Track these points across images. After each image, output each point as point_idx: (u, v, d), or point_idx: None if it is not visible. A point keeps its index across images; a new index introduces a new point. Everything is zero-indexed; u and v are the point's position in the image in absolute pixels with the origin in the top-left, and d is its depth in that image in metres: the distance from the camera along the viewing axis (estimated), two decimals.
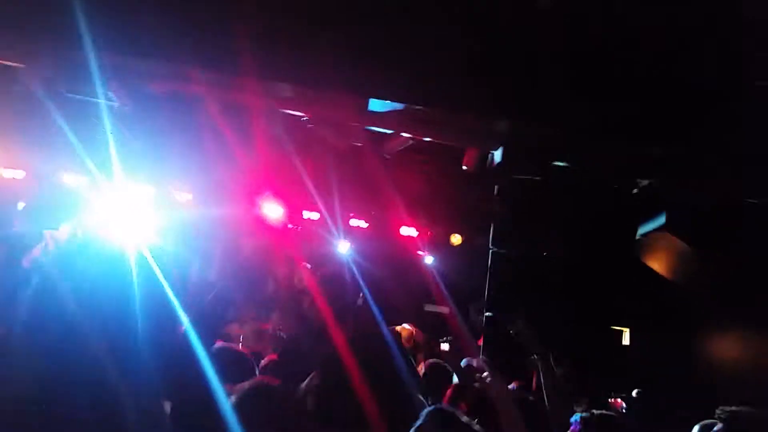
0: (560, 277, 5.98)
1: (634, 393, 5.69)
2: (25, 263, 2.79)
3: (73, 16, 4.08)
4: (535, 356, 3.52)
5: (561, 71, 4.70)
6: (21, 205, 5.58)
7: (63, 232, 5.38)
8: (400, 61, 4.41)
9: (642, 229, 6.15)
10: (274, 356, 4.32)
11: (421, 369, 4.64)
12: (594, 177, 5.48)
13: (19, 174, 6.55)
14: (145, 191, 6.41)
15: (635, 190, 5.56)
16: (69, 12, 4.10)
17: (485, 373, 2.94)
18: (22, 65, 4.74)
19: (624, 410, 4.93)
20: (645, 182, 5.46)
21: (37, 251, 4.76)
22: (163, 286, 2.59)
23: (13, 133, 5.66)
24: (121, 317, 1.70)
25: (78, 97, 4.69)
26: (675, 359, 6.32)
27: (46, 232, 5.17)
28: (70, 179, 6.13)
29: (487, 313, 5.73)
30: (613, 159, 5.20)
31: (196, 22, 4.19)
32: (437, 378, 4.28)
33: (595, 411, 4.53)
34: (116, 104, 4.78)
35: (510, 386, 4.25)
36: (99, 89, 4.43)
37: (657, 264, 6.45)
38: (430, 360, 4.67)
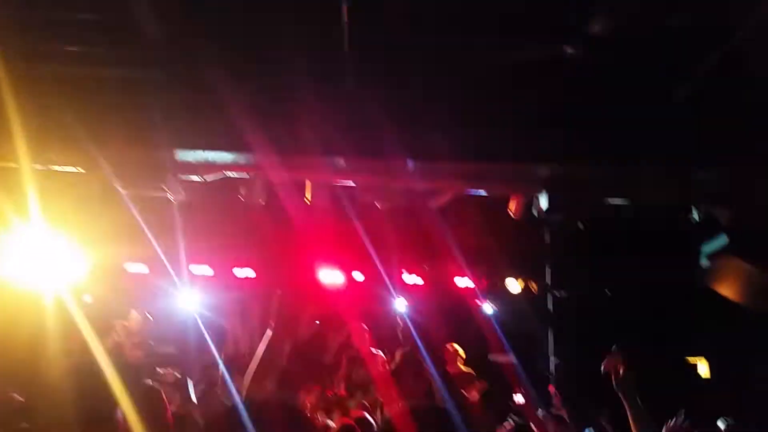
0: (627, 315, 5.83)
1: (720, 424, 5.41)
2: None
3: (130, 116, 4.36)
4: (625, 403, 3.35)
5: (600, 108, 4.73)
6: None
7: (134, 320, 5.61)
8: (437, 118, 4.52)
9: (705, 256, 5.97)
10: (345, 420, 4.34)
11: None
12: (648, 209, 5.39)
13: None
14: (205, 272, 6.62)
15: (693, 217, 5.43)
16: (123, 115, 4.40)
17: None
18: (83, 170, 5.02)
19: None
20: (701, 208, 5.34)
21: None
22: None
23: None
24: None
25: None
26: (754, 386, 6.02)
27: (117, 322, 5.40)
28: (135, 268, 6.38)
29: (552, 359, 5.62)
30: (663, 189, 5.11)
31: (248, 106, 4.40)
32: None
33: None
34: (170, 196, 5.00)
35: None
36: (154, 184, 4.66)
37: (726, 290, 6.21)
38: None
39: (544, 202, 5.12)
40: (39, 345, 4.49)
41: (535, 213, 5.20)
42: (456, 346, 6.86)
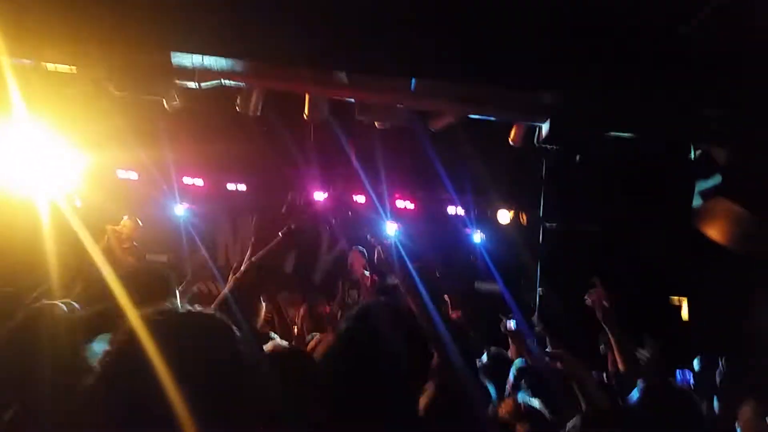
0: (616, 250, 5.90)
1: (695, 363, 5.59)
2: None
3: (123, 18, 4.18)
4: (610, 336, 3.41)
5: (607, 40, 4.61)
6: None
7: (125, 225, 5.58)
8: (443, 38, 4.38)
9: (697, 196, 5.99)
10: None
11: None
12: (648, 145, 5.35)
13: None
14: (197, 183, 6.55)
15: (691, 157, 5.40)
16: (118, 14, 4.21)
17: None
18: (74, 68, 4.86)
19: (693, 384, 4.85)
20: (700, 149, 5.31)
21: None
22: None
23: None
24: None
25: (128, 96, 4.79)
26: (735, 327, 6.18)
27: (108, 227, 5.38)
28: (124, 175, 6.29)
29: (539, 290, 5.71)
30: (668, 125, 5.05)
31: (244, 14, 4.23)
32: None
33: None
34: (165, 101, 4.87)
35: None
36: (149, 88, 4.53)
37: (714, 231, 6.28)
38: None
39: (545, 131, 5.06)
40: (34, 246, 4.49)
41: (535, 142, 5.14)
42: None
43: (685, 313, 7.21)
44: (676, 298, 6.92)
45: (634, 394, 2.54)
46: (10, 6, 4.20)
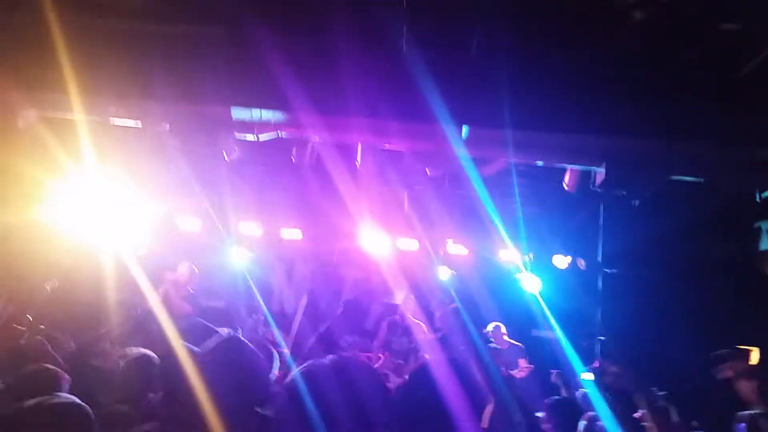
0: (679, 298, 5.67)
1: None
2: None
3: (187, 72, 4.37)
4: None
5: (665, 81, 4.54)
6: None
7: (182, 272, 5.72)
8: (497, 87, 4.40)
9: (765, 242, 5.74)
10: None
11: None
12: (712, 189, 5.18)
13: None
14: (254, 231, 6.68)
15: (756, 200, 5.20)
16: (182, 68, 4.42)
17: None
18: (140, 122, 5.09)
19: None
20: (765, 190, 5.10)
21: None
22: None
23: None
24: None
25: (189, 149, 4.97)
26: None
27: (169, 274, 5.53)
28: (187, 223, 6.47)
29: (600, 338, 5.51)
30: (731, 169, 4.89)
31: (300, 66, 4.36)
32: None
33: None
34: (225, 154, 5.03)
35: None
36: (210, 140, 4.70)
37: None
38: None
39: (601, 175, 4.97)
40: (98, 293, 4.66)
41: (590, 187, 5.06)
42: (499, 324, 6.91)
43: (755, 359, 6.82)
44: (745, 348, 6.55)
45: None
46: (81, 64, 4.45)
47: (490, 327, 7.07)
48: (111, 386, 3.03)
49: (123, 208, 5.61)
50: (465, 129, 4.89)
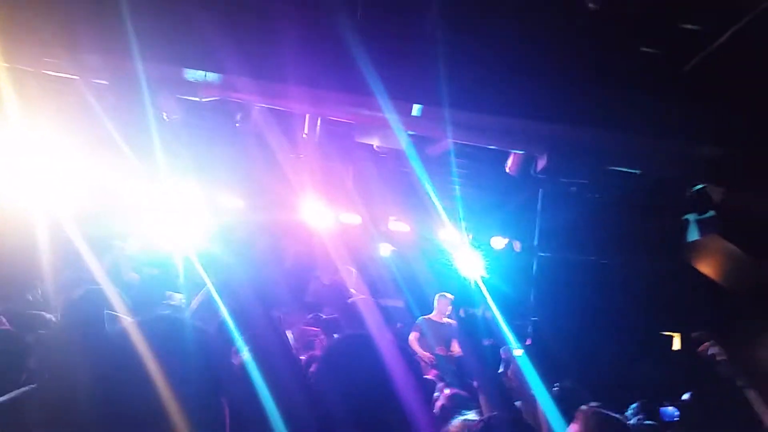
0: (609, 282, 5.88)
1: (685, 397, 5.55)
2: None
3: (124, 28, 4.17)
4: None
5: (609, 73, 4.64)
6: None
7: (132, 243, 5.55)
8: (448, 67, 4.39)
9: (692, 233, 6.01)
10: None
11: None
12: (647, 180, 5.36)
13: None
14: (195, 198, 6.50)
15: (688, 194, 5.42)
16: (120, 24, 4.20)
17: None
18: (76, 77, 4.86)
19: (677, 418, 4.81)
20: (698, 186, 5.32)
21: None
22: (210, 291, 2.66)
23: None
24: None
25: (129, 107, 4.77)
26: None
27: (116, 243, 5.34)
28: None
29: (533, 318, 5.67)
30: (668, 161, 5.07)
31: (243, 31, 4.24)
32: None
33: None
34: (165, 115, 4.86)
35: None
36: (149, 100, 4.52)
37: (708, 268, 6.28)
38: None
39: (542, 162, 5.07)
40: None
41: (533, 172, 5.15)
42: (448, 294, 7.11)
43: (676, 346, 7.18)
44: (668, 333, 6.89)
45: None
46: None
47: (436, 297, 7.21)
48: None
49: (53, 165, 5.35)
50: (418, 107, 4.87)
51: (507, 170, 5.84)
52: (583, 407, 2.87)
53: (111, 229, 5.79)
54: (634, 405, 4.87)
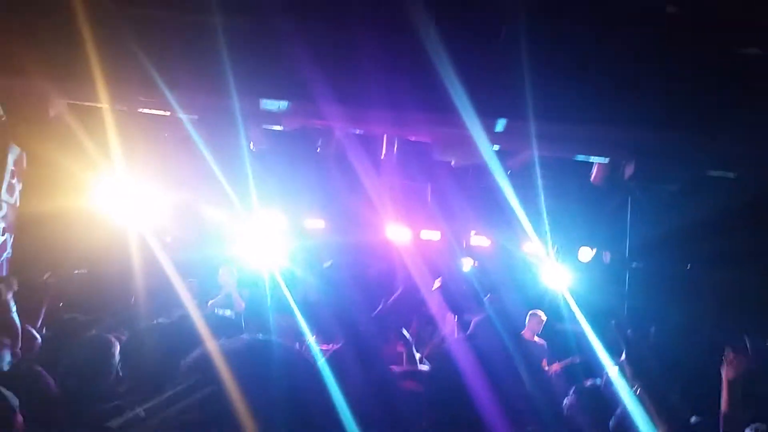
0: (706, 291, 5.60)
1: None
2: None
3: (222, 66, 4.37)
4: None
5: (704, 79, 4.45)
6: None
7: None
8: (531, 79, 4.35)
9: None
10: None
11: None
12: (739, 182, 5.08)
13: None
14: (279, 221, 6.69)
15: None
16: (217, 62, 4.41)
17: None
18: (167, 113, 5.11)
19: None
20: None
21: None
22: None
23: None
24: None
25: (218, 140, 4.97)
26: None
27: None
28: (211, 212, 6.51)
29: (628, 331, 5.45)
30: (762, 164, 4.79)
31: (329, 59, 4.34)
32: None
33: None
34: (252, 144, 5.04)
35: None
36: (238, 132, 4.70)
37: None
38: None
39: (630, 169, 4.90)
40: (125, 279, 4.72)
41: (620, 180, 4.99)
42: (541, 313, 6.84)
43: None
44: None
45: None
46: (109, 54, 4.45)
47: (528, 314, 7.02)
48: None
49: (149, 197, 5.66)
50: (502, 122, 4.84)
51: (591, 180, 5.68)
52: None
53: (209, 253, 6.02)
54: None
